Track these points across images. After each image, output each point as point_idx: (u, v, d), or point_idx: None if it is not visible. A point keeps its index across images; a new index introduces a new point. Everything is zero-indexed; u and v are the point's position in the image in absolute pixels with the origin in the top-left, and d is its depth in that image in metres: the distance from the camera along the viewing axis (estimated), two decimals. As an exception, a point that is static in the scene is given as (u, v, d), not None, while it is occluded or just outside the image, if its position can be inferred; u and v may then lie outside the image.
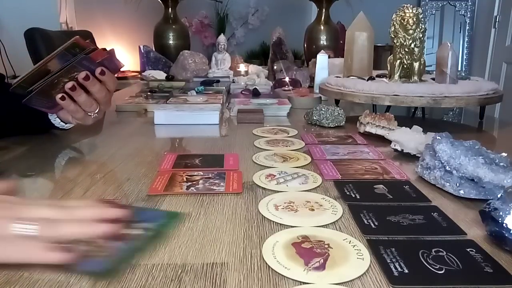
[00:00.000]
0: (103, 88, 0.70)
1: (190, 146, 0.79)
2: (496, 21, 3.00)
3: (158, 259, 0.35)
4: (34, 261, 0.31)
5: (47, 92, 0.66)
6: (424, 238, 0.40)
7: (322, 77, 1.27)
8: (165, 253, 0.36)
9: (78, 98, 0.68)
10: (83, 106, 0.69)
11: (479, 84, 0.89)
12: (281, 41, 1.81)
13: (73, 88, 0.66)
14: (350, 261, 0.35)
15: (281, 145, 0.74)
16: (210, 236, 0.40)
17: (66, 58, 0.65)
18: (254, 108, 1.04)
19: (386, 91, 0.87)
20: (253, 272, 0.34)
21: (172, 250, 0.37)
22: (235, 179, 0.55)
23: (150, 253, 0.36)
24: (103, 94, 0.70)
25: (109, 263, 0.33)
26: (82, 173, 0.60)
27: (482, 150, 0.52)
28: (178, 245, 0.38)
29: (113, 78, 0.71)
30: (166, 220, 0.43)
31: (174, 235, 0.40)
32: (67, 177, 0.58)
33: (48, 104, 0.69)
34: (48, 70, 0.66)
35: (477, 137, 0.59)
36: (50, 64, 0.65)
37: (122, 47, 3.10)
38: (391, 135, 0.70)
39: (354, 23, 1.14)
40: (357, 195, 0.50)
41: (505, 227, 0.37)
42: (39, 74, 0.65)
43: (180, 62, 1.78)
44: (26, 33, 1.57)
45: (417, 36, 0.88)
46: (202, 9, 3.14)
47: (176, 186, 0.52)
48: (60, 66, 0.65)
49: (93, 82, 0.67)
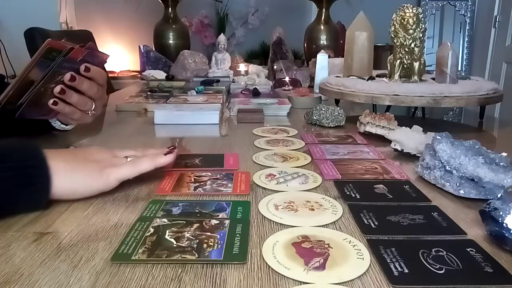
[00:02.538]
0: (93, 84, 0.69)
1: (190, 145, 0.79)
2: (496, 21, 3.00)
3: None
4: (148, 168, 0.51)
5: (37, 101, 0.65)
6: (424, 238, 0.40)
7: (322, 76, 1.27)
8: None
9: (71, 100, 0.67)
10: (78, 106, 0.68)
11: (479, 84, 0.89)
12: (281, 41, 1.81)
13: (62, 91, 0.65)
14: (350, 261, 0.35)
15: (281, 145, 0.74)
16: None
17: (46, 64, 0.64)
18: (254, 108, 1.04)
19: (386, 91, 0.87)
20: (253, 271, 0.34)
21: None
22: (243, 180, 0.55)
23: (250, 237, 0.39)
24: (94, 90, 0.69)
25: (227, 251, 0.36)
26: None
27: (482, 150, 0.52)
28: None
29: (101, 72, 0.70)
30: (239, 208, 0.46)
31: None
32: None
33: (42, 112, 0.68)
34: (31, 80, 0.64)
35: (477, 137, 0.59)
36: (31, 74, 0.64)
37: (122, 47, 3.10)
38: (391, 135, 0.70)
39: (354, 23, 1.14)
40: (357, 195, 0.50)
41: (505, 227, 0.36)
42: (24, 86, 0.64)
43: (180, 62, 1.78)
44: (26, 33, 1.57)
45: (417, 36, 0.88)
46: (202, 9, 3.14)
47: (184, 187, 0.52)
48: (41, 74, 0.64)
49: (80, 81, 0.66)
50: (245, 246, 0.37)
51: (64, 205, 0.47)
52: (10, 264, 0.34)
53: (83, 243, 0.38)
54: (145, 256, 0.35)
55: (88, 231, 0.41)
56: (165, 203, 0.47)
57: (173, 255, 0.36)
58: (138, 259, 0.35)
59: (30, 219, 0.43)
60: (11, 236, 0.39)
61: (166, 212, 0.44)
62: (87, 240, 0.39)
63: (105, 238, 0.39)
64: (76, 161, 0.48)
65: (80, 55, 0.66)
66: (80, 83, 0.66)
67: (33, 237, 0.39)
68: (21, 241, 0.39)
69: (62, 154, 0.49)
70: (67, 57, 0.65)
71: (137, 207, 0.46)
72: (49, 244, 0.38)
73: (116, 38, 3.08)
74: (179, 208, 0.45)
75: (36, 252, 0.37)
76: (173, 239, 0.38)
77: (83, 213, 0.45)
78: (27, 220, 0.43)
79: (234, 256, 0.35)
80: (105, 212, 0.45)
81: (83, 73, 0.66)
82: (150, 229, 0.40)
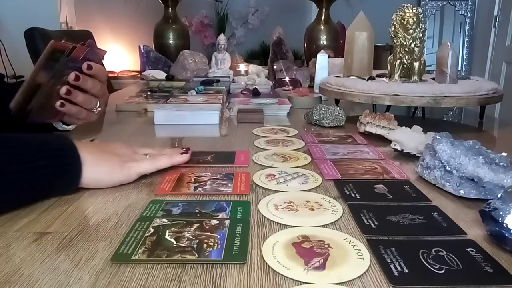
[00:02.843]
0: (95, 82, 0.70)
1: (190, 145, 0.79)
2: (496, 21, 3.00)
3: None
4: (166, 165, 0.57)
5: (46, 104, 0.65)
6: (424, 238, 0.40)
7: (322, 76, 1.27)
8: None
9: (77, 100, 0.68)
10: (84, 105, 0.69)
11: (479, 83, 0.89)
12: (281, 41, 1.81)
13: (68, 92, 0.65)
14: (350, 261, 0.35)
15: (281, 145, 0.74)
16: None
17: (51, 66, 0.64)
18: (254, 108, 1.04)
19: (386, 90, 0.87)
20: (253, 271, 0.34)
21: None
22: (242, 180, 0.55)
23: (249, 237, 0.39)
24: (98, 87, 0.70)
25: (227, 251, 0.36)
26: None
27: (482, 150, 0.52)
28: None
29: (102, 68, 0.71)
30: (239, 208, 0.46)
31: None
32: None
33: (51, 115, 0.69)
34: (38, 84, 0.65)
35: (477, 137, 0.59)
36: (38, 78, 0.65)
37: (122, 46, 3.10)
38: (391, 135, 0.70)
39: (354, 23, 1.14)
40: (357, 195, 0.50)
41: (505, 227, 0.36)
42: (31, 90, 0.65)
43: (180, 62, 1.78)
44: (26, 33, 1.57)
45: (417, 35, 0.88)
46: (202, 9, 3.14)
47: (184, 187, 0.52)
48: (48, 76, 0.64)
49: (84, 80, 0.67)
50: (245, 246, 0.37)
51: (64, 205, 0.47)
52: (10, 264, 0.34)
53: (83, 243, 0.38)
54: (145, 256, 0.35)
55: (88, 231, 0.41)
56: (165, 203, 0.47)
57: (173, 255, 0.36)
58: (138, 259, 0.35)
59: (30, 219, 0.43)
60: (11, 236, 0.39)
61: (166, 212, 0.44)
62: (87, 240, 0.39)
63: (105, 238, 0.39)
64: (101, 154, 0.53)
65: (82, 54, 0.67)
66: (85, 81, 0.67)
67: (33, 237, 0.39)
68: (21, 241, 0.39)
69: (89, 147, 0.53)
70: (70, 56, 0.65)
71: (137, 207, 0.46)
72: (49, 244, 0.38)
73: (116, 38, 3.08)
74: (179, 208, 0.46)
75: (36, 252, 0.37)
76: (173, 239, 0.38)
77: (83, 213, 0.45)
78: (27, 220, 0.43)
79: (234, 256, 0.35)
80: (105, 212, 0.45)
81: (86, 71, 0.67)
82: (150, 229, 0.40)
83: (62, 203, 0.47)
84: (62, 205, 0.47)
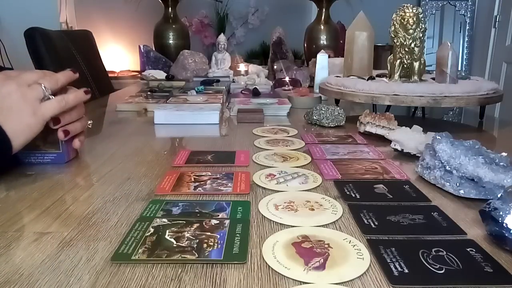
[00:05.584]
0: (70, 90, 0.62)
1: (190, 145, 0.79)
2: (496, 21, 3.00)
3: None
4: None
5: (54, 138, 0.61)
6: (424, 238, 0.40)
7: (322, 76, 1.27)
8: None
9: (71, 117, 0.61)
10: (79, 116, 0.63)
11: (479, 83, 0.89)
12: (281, 40, 1.81)
13: (58, 121, 0.59)
14: (350, 261, 0.35)
15: (281, 145, 0.74)
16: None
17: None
18: (254, 107, 1.04)
19: (386, 90, 0.87)
20: (253, 271, 0.34)
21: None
22: (243, 179, 0.55)
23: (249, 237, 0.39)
24: (73, 94, 0.61)
25: (227, 251, 0.36)
26: (82, 173, 0.60)
27: (482, 149, 0.52)
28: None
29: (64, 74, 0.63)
30: (239, 208, 0.46)
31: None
32: (66, 177, 0.58)
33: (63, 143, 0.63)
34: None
35: (477, 137, 0.59)
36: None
37: (122, 46, 3.10)
38: (391, 134, 0.70)
39: (354, 23, 1.14)
40: (357, 195, 0.50)
41: (505, 226, 0.36)
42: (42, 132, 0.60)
43: (180, 62, 1.78)
44: (26, 33, 1.56)
45: (417, 35, 0.88)
46: (202, 9, 3.14)
47: (184, 186, 0.52)
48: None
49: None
50: (245, 246, 0.37)
51: (64, 205, 0.47)
52: (10, 264, 0.34)
53: (83, 243, 0.38)
54: (145, 256, 0.35)
55: (88, 231, 0.41)
56: (165, 203, 0.47)
57: (173, 255, 0.36)
58: (138, 259, 0.35)
59: (30, 219, 0.43)
60: (11, 236, 0.39)
61: (166, 212, 0.44)
62: (87, 240, 0.39)
63: (105, 238, 0.39)
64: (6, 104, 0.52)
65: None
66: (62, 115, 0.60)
67: (33, 237, 0.39)
68: (21, 241, 0.39)
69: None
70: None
71: (137, 207, 0.46)
72: (49, 244, 0.38)
73: (116, 38, 3.08)
74: (179, 208, 0.46)
75: (36, 252, 0.36)
76: (173, 239, 0.38)
77: (83, 213, 0.45)
78: (27, 220, 0.43)
79: (234, 256, 0.35)
80: (105, 212, 0.45)
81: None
82: (150, 229, 0.40)
83: (62, 203, 0.47)
84: (62, 205, 0.47)
